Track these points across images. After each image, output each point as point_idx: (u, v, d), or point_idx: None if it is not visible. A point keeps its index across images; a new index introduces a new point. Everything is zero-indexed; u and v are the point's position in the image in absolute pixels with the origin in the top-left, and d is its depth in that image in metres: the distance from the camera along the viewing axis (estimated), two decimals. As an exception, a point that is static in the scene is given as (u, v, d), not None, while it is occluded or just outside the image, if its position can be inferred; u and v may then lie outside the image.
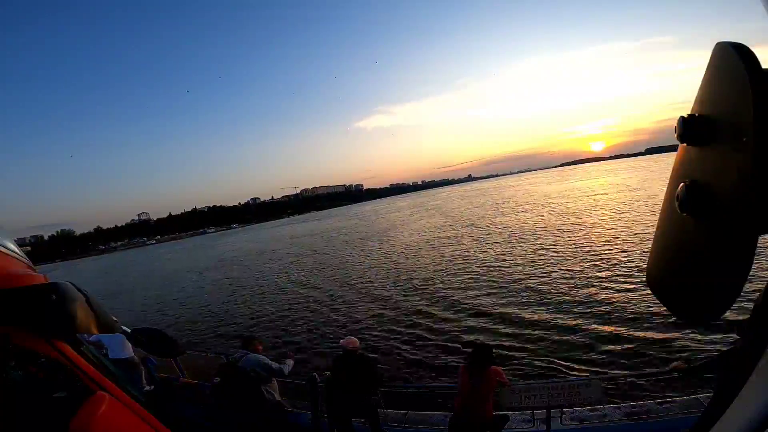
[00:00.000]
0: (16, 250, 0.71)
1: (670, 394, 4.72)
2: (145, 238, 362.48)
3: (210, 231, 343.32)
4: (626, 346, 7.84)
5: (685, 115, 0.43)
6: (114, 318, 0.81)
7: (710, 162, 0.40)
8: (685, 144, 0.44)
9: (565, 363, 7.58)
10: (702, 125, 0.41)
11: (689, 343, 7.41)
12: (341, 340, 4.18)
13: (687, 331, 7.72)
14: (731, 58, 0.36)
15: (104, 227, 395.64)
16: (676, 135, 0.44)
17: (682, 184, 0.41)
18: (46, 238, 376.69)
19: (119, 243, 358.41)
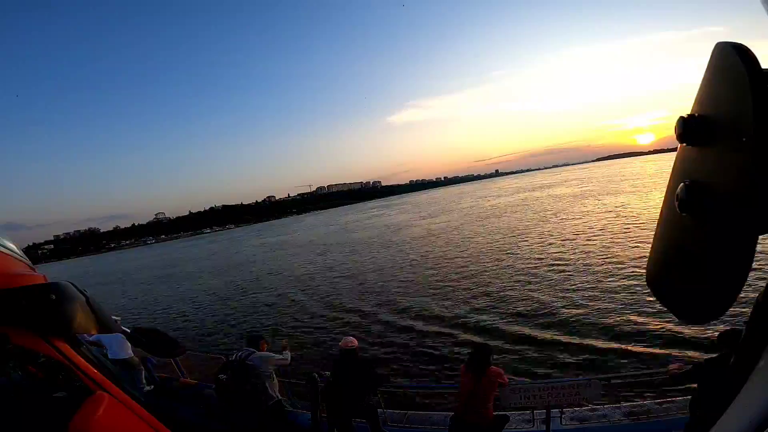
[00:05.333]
0: (15, 250, 0.71)
1: (670, 394, 4.71)
2: (150, 238, 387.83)
3: (206, 231, 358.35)
4: (626, 346, 7.84)
5: (685, 116, 0.43)
6: (114, 318, 0.80)
7: (710, 162, 0.40)
8: (685, 144, 0.44)
9: (565, 363, 7.58)
10: (702, 125, 0.41)
11: (689, 344, 7.41)
12: (342, 341, 4.17)
13: (687, 331, 7.72)
14: (731, 58, 0.36)
15: (122, 227, 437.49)
16: (675, 135, 0.44)
17: (682, 184, 0.41)
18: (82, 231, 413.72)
19: (127, 242, 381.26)
